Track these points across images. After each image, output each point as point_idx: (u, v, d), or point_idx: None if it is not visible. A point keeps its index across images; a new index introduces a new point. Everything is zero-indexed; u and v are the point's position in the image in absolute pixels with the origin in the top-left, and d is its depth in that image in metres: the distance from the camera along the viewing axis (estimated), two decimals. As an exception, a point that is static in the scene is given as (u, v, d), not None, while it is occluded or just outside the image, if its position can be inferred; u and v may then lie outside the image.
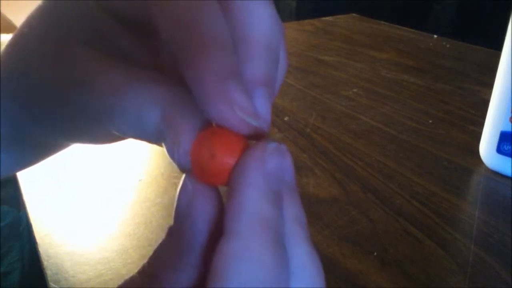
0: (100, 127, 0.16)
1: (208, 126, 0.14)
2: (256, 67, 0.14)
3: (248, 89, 0.14)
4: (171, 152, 0.14)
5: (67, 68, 0.16)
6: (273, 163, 0.13)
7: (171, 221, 0.14)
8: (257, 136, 0.14)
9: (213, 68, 0.13)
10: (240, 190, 0.13)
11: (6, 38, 1.02)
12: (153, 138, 0.14)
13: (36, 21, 0.17)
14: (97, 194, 0.41)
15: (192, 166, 0.14)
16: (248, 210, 0.12)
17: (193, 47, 0.13)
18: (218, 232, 0.13)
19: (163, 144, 0.14)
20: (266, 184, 0.13)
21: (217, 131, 0.14)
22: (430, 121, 0.54)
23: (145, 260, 0.14)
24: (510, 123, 0.41)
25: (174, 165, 0.14)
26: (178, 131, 0.14)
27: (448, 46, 0.83)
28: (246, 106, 0.13)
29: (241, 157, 0.13)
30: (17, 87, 0.17)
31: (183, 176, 0.14)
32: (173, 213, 0.14)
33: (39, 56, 0.16)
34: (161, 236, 0.14)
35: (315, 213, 0.38)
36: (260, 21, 0.15)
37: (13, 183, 0.48)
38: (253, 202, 0.12)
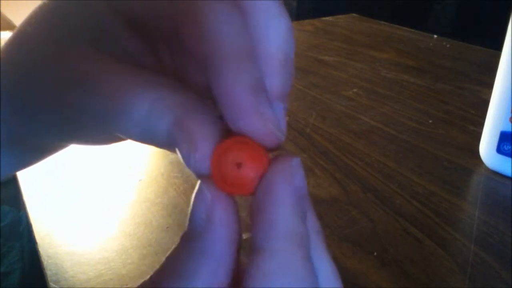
0: (103, 130, 0.16)
1: (226, 135, 0.14)
2: (275, 81, 0.15)
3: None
4: (187, 158, 0.14)
5: (69, 69, 0.15)
6: (299, 179, 0.13)
7: (171, 221, 0.14)
8: (273, 148, 0.14)
9: (244, 81, 0.13)
10: (272, 207, 0.13)
11: (6, 35, 1.02)
12: (163, 143, 0.14)
13: (39, 20, 0.17)
14: (97, 194, 0.41)
15: (213, 174, 0.14)
16: (282, 227, 0.12)
17: (222, 59, 0.13)
18: (236, 239, 0.14)
19: (176, 150, 0.14)
20: (295, 200, 0.13)
21: (242, 140, 0.14)
22: (430, 121, 0.54)
23: (145, 260, 0.14)
24: (510, 123, 0.41)
25: (174, 166, 0.14)
26: (195, 136, 0.13)
27: (448, 46, 0.83)
28: (274, 119, 0.13)
29: (268, 171, 0.13)
30: (16, 87, 0.17)
31: (199, 182, 0.14)
32: (187, 220, 0.14)
33: (40, 57, 0.16)
34: (161, 236, 0.14)
35: (315, 213, 0.38)
36: (278, 35, 0.15)
37: (13, 183, 0.48)
38: (285, 219, 0.13)
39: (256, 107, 0.13)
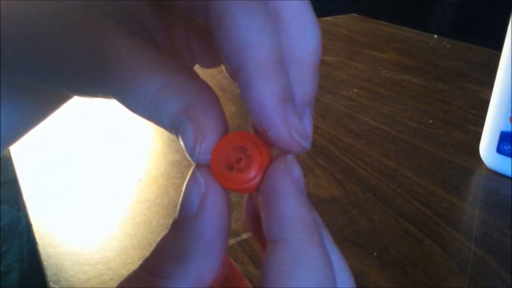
0: (108, 97, 0.16)
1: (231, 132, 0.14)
2: (306, 88, 0.15)
3: (298, 109, 0.14)
4: (191, 147, 0.14)
5: (80, 37, 0.15)
6: (296, 173, 0.14)
7: (171, 221, 0.14)
8: (296, 153, 0.15)
9: (273, 92, 0.13)
10: (276, 200, 0.13)
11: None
12: (167, 126, 0.14)
13: None
14: (97, 194, 0.41)
15: (212, 169, 0.14)
16: (290, 217, 0.13)
17: (252, 69, 0.13)
18: (226, 226, 0.14)
19: (179, 137, 0.14)
20: (297, 191, 0.13)
21: (245, 137, 0.14)
22: (430, 121, 0.54)
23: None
24: (510, 123, 0.41)
25: (174, 166, 0.14)
26: (203, 127, 0.14)
27: (448, 46, 0.83)
28: (301, 128, 0.14)
29: (269, 170, 0.14)
30: (21, 43, 0.16)
31: (194, 169, 0.14)
32: (178, 206, 0.14)
33: (59, 26, 0.16)
34: (161, 236, 0.15)
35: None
36: (310, 42, 0.15)
37: (13, 183, 0.48)
38: (292, 209, 0.13)
39: (284, 118, 0.13)
